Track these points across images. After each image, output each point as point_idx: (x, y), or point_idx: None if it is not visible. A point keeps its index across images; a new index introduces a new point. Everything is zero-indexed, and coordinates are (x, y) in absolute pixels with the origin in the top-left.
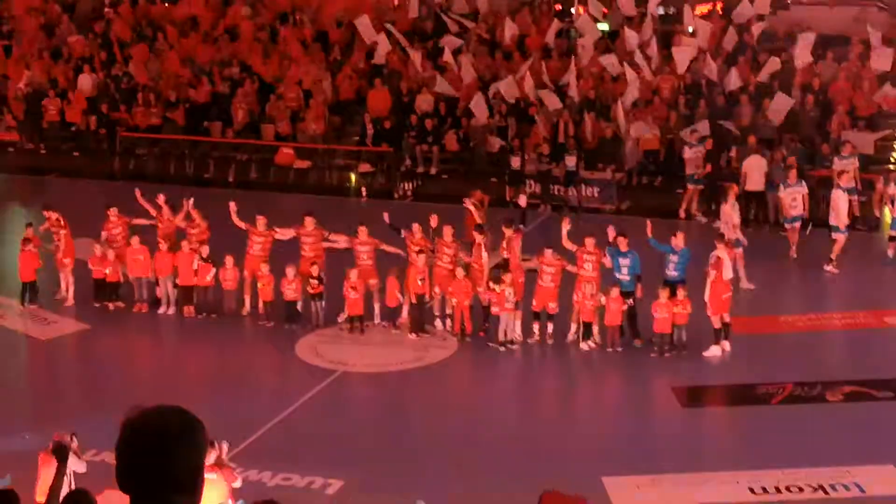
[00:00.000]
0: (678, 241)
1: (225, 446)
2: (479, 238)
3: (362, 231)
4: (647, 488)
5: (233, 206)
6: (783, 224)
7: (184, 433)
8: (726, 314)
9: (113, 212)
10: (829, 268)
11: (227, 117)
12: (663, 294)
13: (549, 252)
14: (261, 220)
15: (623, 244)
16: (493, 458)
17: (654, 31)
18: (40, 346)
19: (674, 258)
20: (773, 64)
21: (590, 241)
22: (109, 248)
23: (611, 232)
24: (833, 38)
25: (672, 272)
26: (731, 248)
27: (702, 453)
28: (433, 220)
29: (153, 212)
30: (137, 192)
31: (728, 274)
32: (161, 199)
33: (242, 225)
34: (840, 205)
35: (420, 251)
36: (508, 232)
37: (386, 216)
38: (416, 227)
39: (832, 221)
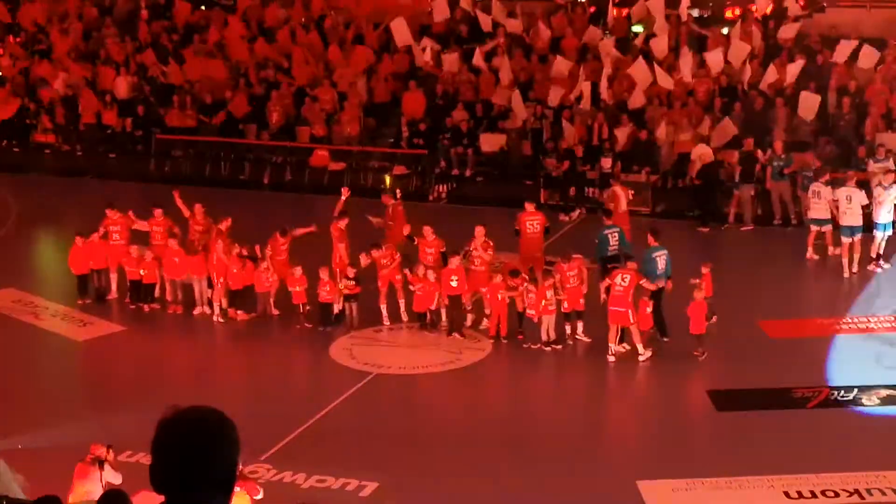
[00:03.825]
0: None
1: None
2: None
3: (427, 231)
4: (682, 492)
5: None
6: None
7: (219, 433)
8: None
9: (110, 211)
10: (873, 266)
11: (263, 120)
12: (698, 294)
13: (576, 256)
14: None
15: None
16: (527, 461)
17: (688, 33)
18: (76, 347)
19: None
20: (797, 65)
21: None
22: (147, 249)
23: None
24: (869, 41)
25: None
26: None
27: (737, 457)
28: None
29: (186, 213)
30: (175, 194)
31: (622, 207)
32: (198, 208)
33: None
34: (884, 202)
35: (452, 253)
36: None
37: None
38: (426, 229)
39: (876, 219)
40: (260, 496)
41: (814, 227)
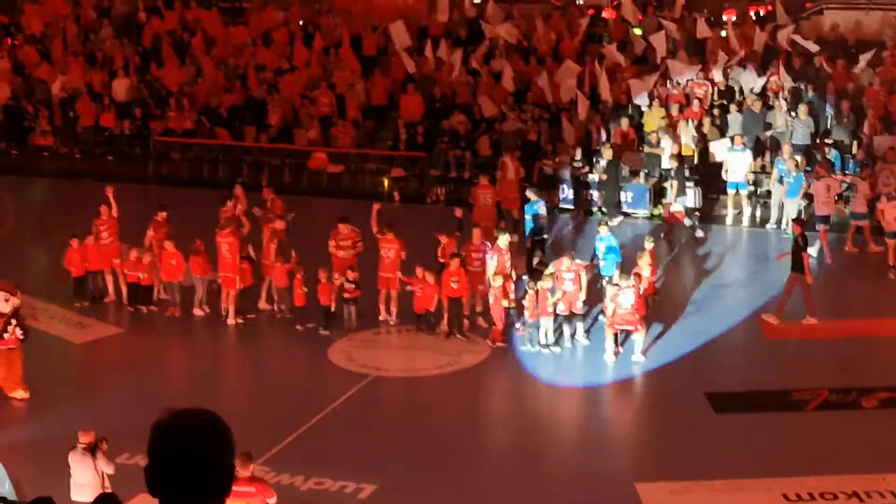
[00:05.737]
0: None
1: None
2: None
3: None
4: (680, 494)
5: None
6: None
7: (214, 434)
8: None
9: (104, 210)
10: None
11: (261, 122)
12: (642, 262)
13: (566, 257)
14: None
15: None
16: (525, 464)
17: (686, 36)
18: (74, 349)
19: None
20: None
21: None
22: (147, 251)
23: None
24: (868, 43)
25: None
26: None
27: (735, 460)
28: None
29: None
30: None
31: (510, 176)
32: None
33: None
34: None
35: (454, 255)
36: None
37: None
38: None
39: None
40: (274, 500)
41: (853, 222)
